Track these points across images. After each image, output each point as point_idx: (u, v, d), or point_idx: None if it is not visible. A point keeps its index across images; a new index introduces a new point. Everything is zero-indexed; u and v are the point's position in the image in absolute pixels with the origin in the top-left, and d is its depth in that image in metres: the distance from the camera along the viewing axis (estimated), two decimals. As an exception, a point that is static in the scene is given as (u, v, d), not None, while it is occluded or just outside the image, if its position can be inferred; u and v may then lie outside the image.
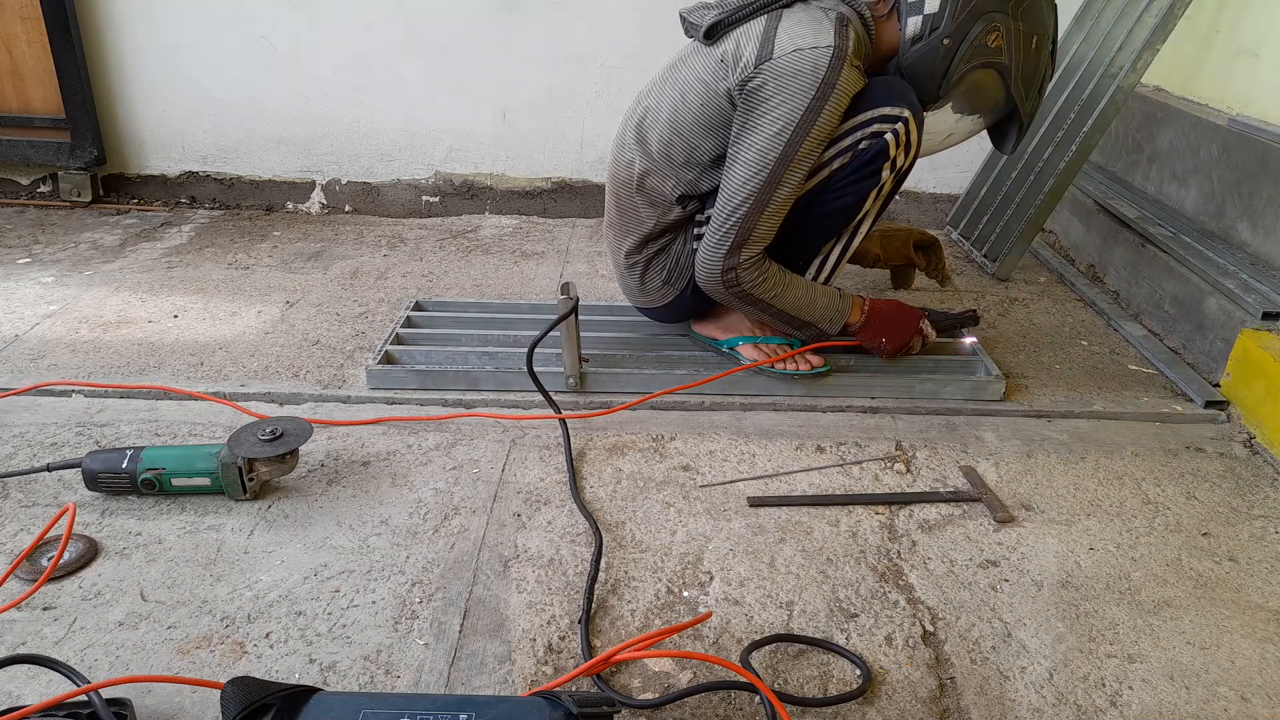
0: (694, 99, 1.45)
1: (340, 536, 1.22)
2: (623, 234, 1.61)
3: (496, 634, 1.06)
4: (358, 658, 1.01)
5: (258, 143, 2.59)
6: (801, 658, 1.04)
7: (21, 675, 0.97)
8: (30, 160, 2.52)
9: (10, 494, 1.28)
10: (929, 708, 0.97)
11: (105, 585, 1.11)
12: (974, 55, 1.37)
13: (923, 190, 2.62)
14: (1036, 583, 1.17)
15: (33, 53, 2.42)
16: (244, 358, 1.70)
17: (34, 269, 2.11)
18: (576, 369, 1.57)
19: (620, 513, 1.28)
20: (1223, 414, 1.59)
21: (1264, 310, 1.57)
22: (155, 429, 1.46)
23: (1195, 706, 0.99)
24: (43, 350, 1.71)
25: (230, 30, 2.45)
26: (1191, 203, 1.99)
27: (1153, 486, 1.39)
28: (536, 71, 2.49)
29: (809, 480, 1.37)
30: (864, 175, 1.44)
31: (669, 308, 1.66)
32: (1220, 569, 1.21)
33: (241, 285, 2.06)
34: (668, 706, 0.96)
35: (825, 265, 1.56)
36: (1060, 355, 1.81)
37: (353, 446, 1.42)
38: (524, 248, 2.37)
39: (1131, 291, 2.03)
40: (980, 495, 1.34)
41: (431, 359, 1.64)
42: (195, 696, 0.96)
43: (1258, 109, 1.86)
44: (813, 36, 1.33)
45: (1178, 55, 2.14)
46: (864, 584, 1.15)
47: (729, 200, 1.42)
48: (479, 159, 2.60)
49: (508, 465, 1.39)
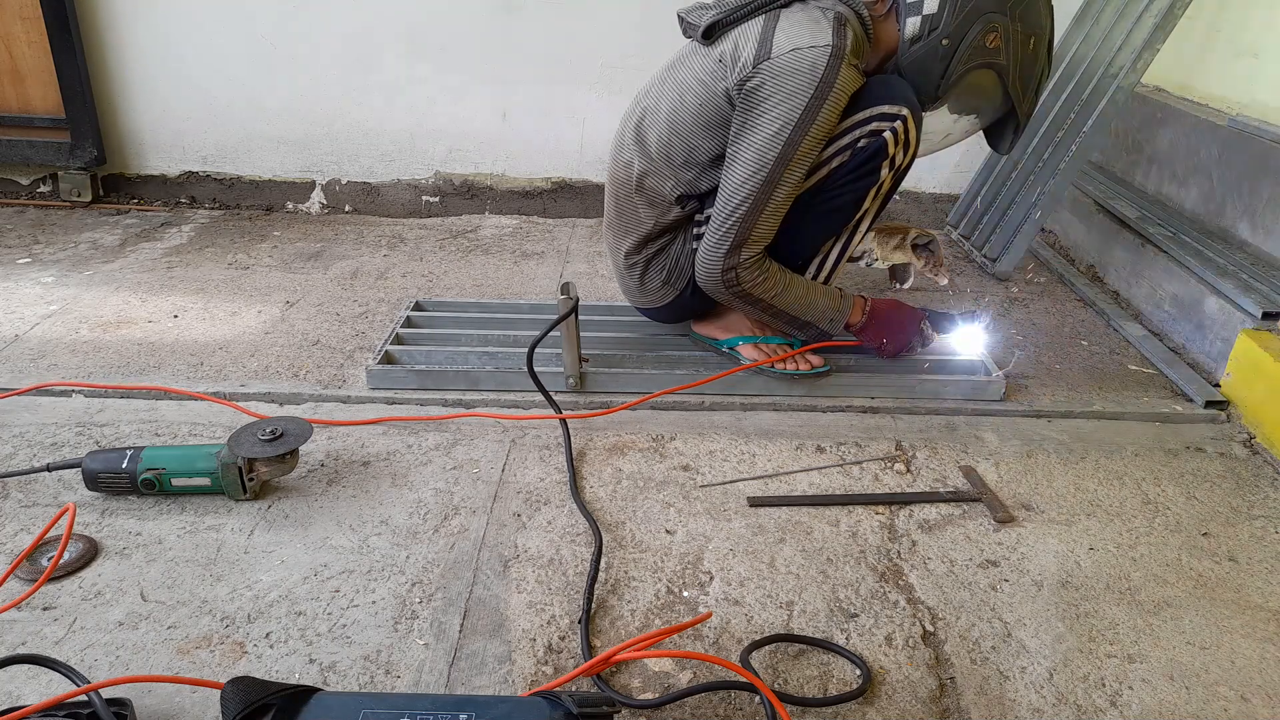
0: (692, 99, 1.45)
1: (340, 536, 1.22)
2: (622, 234, 1.61)
3: (496, 634, 1.06)
4: (358, 658, 1.01)
5: (258, 143, 2.59)
6: (801, 658, 1.04)
7: (21, 675, 0.97)
8: (30, 160, 2.52)
9: (10, 494, 1.28)
10: (929, 708, 0.97)
11: (105, 585, 1.11)
12: (972, 56, 1.37)
13: (923, 190, 2.62)
14: (1036, 583, 1.17)
15: (33, 53, 2.42)
16: (244, 358, 1.70)
17: (34, 269, 2.11)
18: (576, 369, 1.57)
19: (620, 513, 1.28)
20: (1223, 414, 1.59)
21: (1264, 310, 1.57)
22: (155, 429, 1.46)
23: (1195, 706, 0.99)
24: (43, 350, 1.71)
25: (230, 30, 2.45)
26: (1191, 203, 1.99)
27: (1153, 486, 1.39)
28: (536, 71, 2.49)
29: (809, 480, 1.37)
30: (863, 174, 1.44)
31: (669, 308, 1.66)
32: (1220, 569, 1.21)
33: (241, 285, 2.06)
34: (668, 706, 0.96)
35: (825, 264, 1.56)
36: (1060, 355, 1.81)
37: (353, 446, 1.42)
38: (524, 248, 2.37)
39: (1131, 291, 2.03)
40: (980, 495, 1.34)
41: (431, 359, 1.64)
42: (195, 696, 0.96)
43: (1258, 109, 1.86)
44: (811, 36, 1.33)
45: (1178, 55, 2.14)
46: (864, 584, 1.15)
47: (728, 200, 1.42)
48: (479, 159, 2.60)
49: (508, 465, 1.39)
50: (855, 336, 1.60)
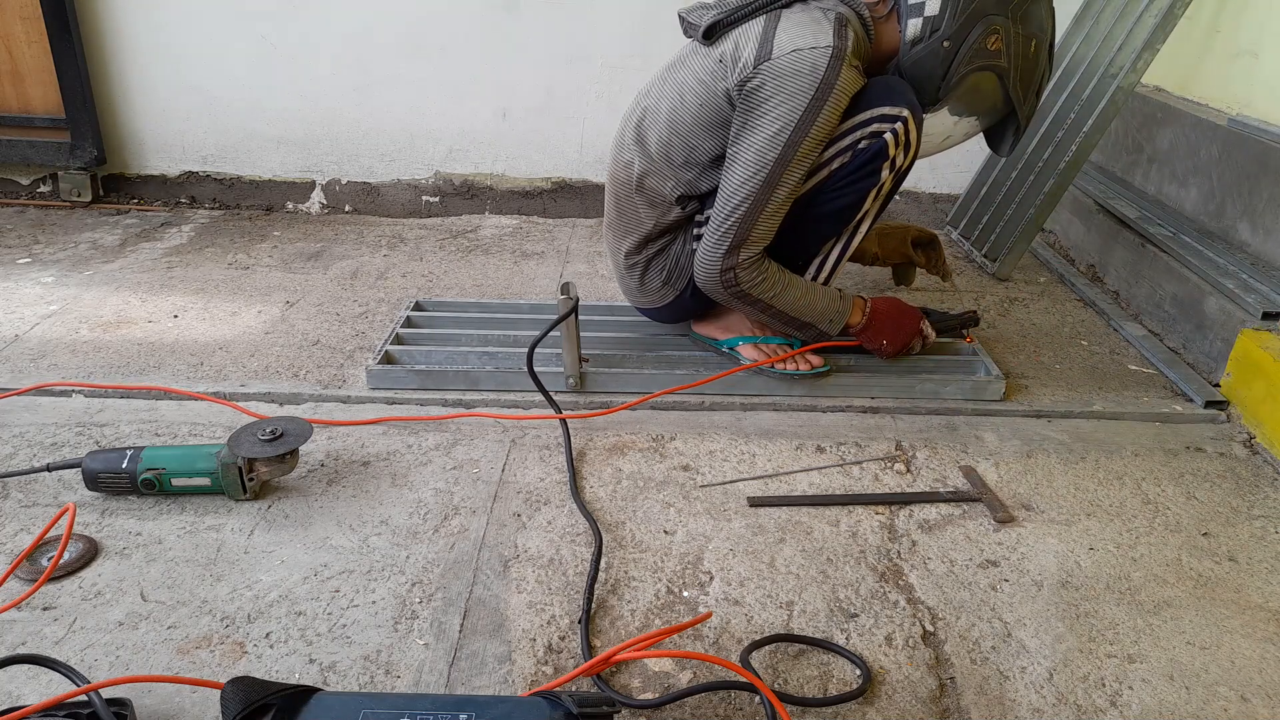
0: (693, 99, 1.45)
1: (340, 536, 1.22)
2: (622, 235, 1.61)
3: (496, 634, 1.06)
4: (358, 658, 1.02)
5: (258, 143, 2.59)
6: (801, 658, 1.04)
7: (21, 675, 0.97)
8: (30, 160, 2.52)
9: (10, 494, 1.28)
10: (929, 708, 0.97)
11: (105, 585, 1.11)
12: (974, 58, 1.37)
13: (922, 190, 2.62)
14: (1036, 583, 1.17)
15: (33, 53, 2.42)
16: (244, 358, 1.70)
17: (34, 269, 2.11)
18: (576, 369, 1.57)
19: (620, 513, 1.28)
20: (1223, 414, 1.59)
21: (1264, 310, 1.57)
22: (155, 429, 1.46)
23: (1195, 706, 0.99)
24: (43, 350, 1.71)
25: (230, 30, 2.45)
26: (1191, 203, 1.99)
27: (1153, 486, 1.39)
28: (536, 71, 2.49)
29: (809, 480, 1.37)
30: (863, 175, 1.44)
31: (669, 308, 1.66)
32: (1220, 569, 1.21)
33: (241, 285, 2.06)
34: (668, 706, 0.96)
35: (825, 265, 1.56)
36: (1060, 355, 1.81)
37: (353, 446, 1.42)
38: (524, 248, 2.37)
39: (1131, 291, 2.03)
40: (980, 495, 1.34)
41: (431, 359, 1.64)
42: (195, 696, 0.96)
43: (1258, 109, 1.86)
44: (811, 37, 1.33)
45: (1178, 55, 2.14)
46: (864, 584, 1.15)
47: (728, 200, 1.42)
48: (479, 159, 2.60)
49: (508, 465, 1.39)
50: (855, 337, 1.60)
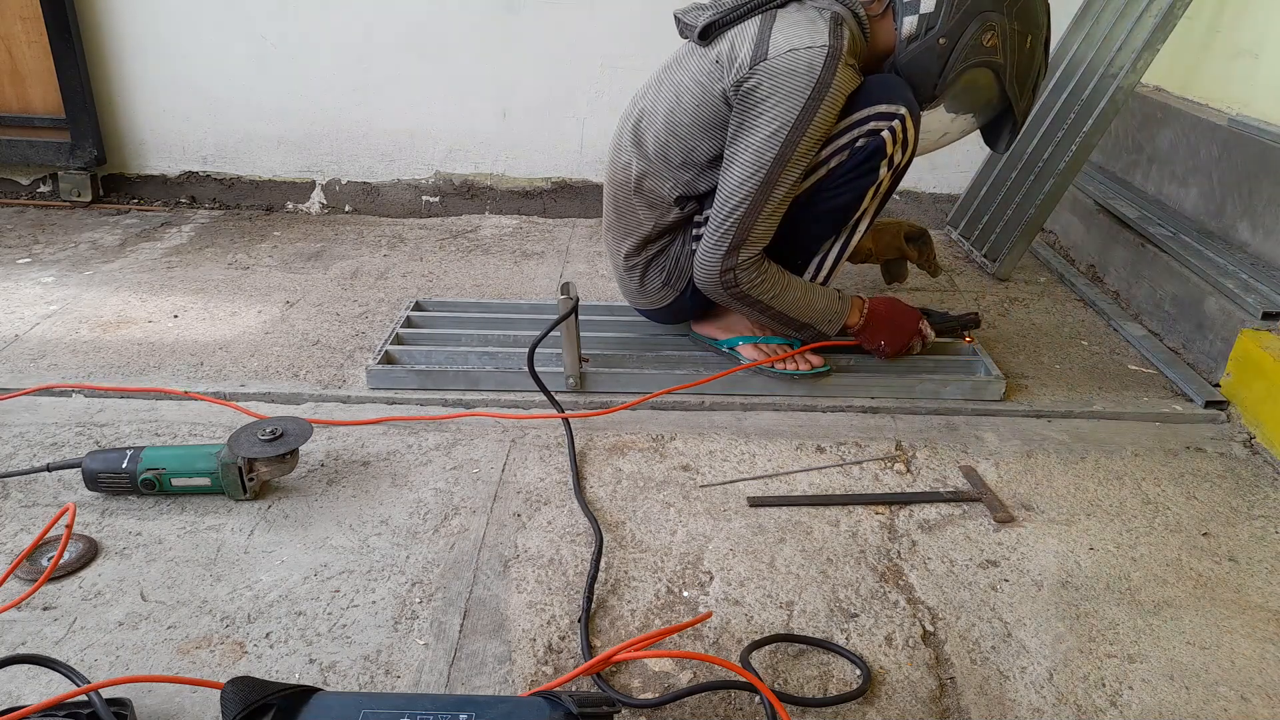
0: (689, 100, 1.45)
1: (340, 536, 1.22)
2: (621, 236, 1.61)
3: (496, 634, 1.06)
4: (358, 658, 1.02)
5: (258, 143, 2.59)
6: (801, 658, 1.04)
7: (21, 675, 0.97)
8: (30, 160, 2.52)
9: (10, 494, 1.28)
10: (929, 708, 0.97)
11: (105, 585, 1.11)
12: (970, 55, 1.37)
13: (922, 190, 2.62)
14: (1036, 583, 1.17)
15: (33, 53, 2.42)
16: (244, 358, 1.70)
17: (34, 269, 2.11)
18: (576, 369, 1.57)
19: (620, 512, 1.28)
20: (1223, 414, 1.59)
21: (1264, 310, 1.57)
22: (155, 429, 1.46)
23: (1195, 706, 0.99)
24: (43, 350, 1.71)
25: (230, 30, 2.45)
26: (1191, 203, 1.99)
27: (1153, 486, 1.39)
28: (536, 71, 2.49)
29: (809, 480, 1.37)
30: (861, 173, 1.44)
31: (669, 309, 1.66)
32: (1220, 569, 1.21)
33: (241, 285, 2.06)
34: (668, 706, 0.96)
35: (824, 264, 1.56)
36: (1060, 355, 1.81)
37: (353, 446, 1.42)
38: (524, 248, 2.37)
39: (1131, 291, 2.03)
40: (980, 495, 1.34)
41: (432, 359, 1.64)
42: (195, 696, 0.96)
43: (1258, 109, 1.86)
44: (808, 36, 1.33)
45: (1178, 55, 2.14)
46: (864, 584, 1.15)
47: (726, 201, 1.42)
48: (479, 159, 2.60)
49: (508, 465, 1.39)
50: (854, 338, 1.60)
